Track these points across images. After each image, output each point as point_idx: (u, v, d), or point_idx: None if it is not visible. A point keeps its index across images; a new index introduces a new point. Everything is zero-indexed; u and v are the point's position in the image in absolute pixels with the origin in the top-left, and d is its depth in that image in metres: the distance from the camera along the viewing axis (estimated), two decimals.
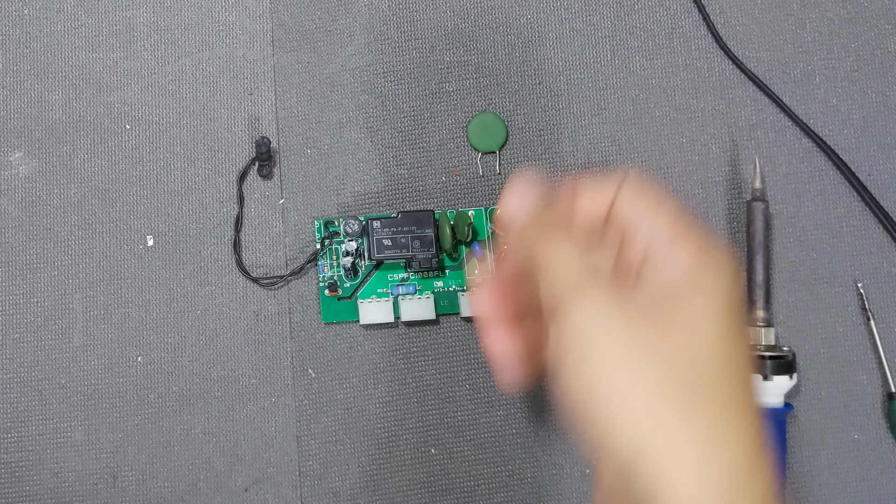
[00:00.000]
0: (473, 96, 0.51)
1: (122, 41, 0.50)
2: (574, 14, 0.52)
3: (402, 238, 0.47)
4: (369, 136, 0.50)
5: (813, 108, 0.51)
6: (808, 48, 0.52)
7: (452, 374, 0.49)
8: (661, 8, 0.52)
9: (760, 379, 0.46)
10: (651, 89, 0.51)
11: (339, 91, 0.50)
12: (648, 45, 0.52)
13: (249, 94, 0.50)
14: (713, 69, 0.51)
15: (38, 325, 0.48)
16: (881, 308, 0.50)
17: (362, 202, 0.50)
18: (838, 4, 0.52)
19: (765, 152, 0.51)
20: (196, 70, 0.50)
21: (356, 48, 0.51)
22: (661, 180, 0.51)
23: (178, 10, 0.50)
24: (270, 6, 0.51)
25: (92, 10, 0.50)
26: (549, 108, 0.51)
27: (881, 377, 0.50)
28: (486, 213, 0.49)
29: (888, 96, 0.52)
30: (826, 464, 0.49)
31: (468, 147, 0.50)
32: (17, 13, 0.50)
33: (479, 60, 0.51)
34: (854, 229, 0.51)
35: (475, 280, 0.35)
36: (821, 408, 0.50)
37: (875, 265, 0.50)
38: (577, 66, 0.51)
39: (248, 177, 0.50)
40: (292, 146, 0.50)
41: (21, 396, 0.48)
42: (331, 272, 0.48)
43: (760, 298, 0.48)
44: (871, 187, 0.51)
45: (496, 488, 0.48)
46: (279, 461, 0.48)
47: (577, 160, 0.51)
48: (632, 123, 0.51)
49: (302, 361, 0.48)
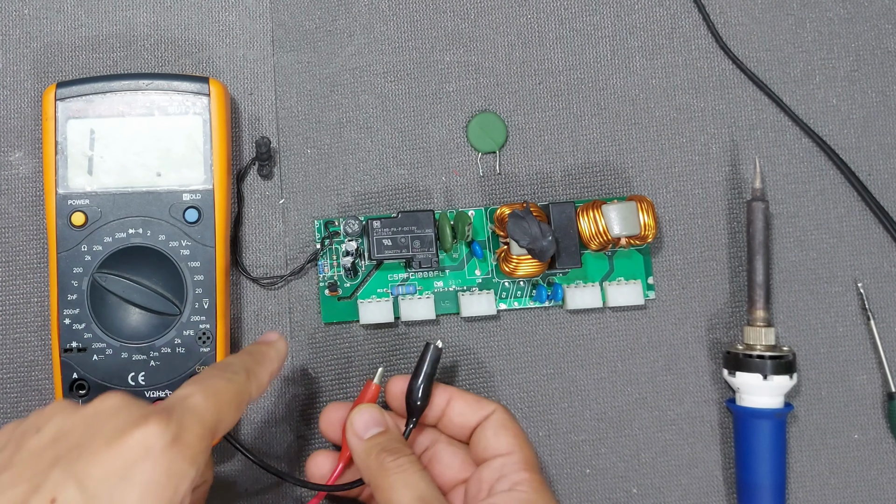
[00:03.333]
0: (473, 96, 0.51)
1: (122, 41, 0.50)
2: (574, 14, 0.52)
3: (402, 238, 0.47)
4: (369, 136, 0.50)
5: (813, 108, 0.51)
6: (808, 48, 0.52)
7: (452, 374, 0.49)
8: (661, 8, 0.52)
9: (760, 378, 0.46)
10: (651, 89, 0.51)
11: (339, 91, 0.50)
12: (648, 45, 0.52)
13: (249, 94, 0.50)
14: (713, 69, 0.51)
15: (38, 325, 0.48)
16: (881, 308, 0.50)
17: (362, 202, 0.50)
18: (838, 4, 0.52)
19: (765, 152, 0.51)
20: (196, 70, 0.50)
21: (356, 48, 0.51)
22: (661, 180, 0.51)
23: (178, 10, 0.50)
24: (270, 6, 0.51)
25: (92, 10, 0.50)
26: (549, 108, 0.51)
27: (881, 377, 0.50)
28: (486, 213, 0.49)
29: (888, 96, 0.52)
30: (826, 464, 0.49)
31: (468, 147, 0.50)
32: (17, 13, 0.50)
33: (479, 60, 0.51)
34: (854, 229, 0.51)
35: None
36: (821, 408, 0.50)
37: (875, 265, 0.50)
38: (577, 66, 0.51)
39: (248, 177, 0.50)
40: (292, 146, 0.50)
41: (21, 396, 0.48)
42: (331, 272, 0.48)
43: (761, 298, 0.48)
44: (871, 187, 0.51)
45: None
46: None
47: (577, 160, 0.51)
48: (632, 123, 0.51)
49: (302, 361, 0.48)
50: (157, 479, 0.31)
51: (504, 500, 0.39)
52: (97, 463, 0.31)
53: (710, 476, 0.49)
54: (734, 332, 0.50)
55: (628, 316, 0.50)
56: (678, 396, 0.49)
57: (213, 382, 0.36)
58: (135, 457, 0.31)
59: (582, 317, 0.50)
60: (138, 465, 0.31)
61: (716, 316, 0.50)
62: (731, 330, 0.50)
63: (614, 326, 0.50)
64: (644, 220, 0.47)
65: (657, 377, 0.49)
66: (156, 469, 0.31)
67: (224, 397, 0.36)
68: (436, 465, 0.44)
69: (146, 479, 0.31)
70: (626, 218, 0.47)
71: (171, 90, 0.46)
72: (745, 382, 0.47)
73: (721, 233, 0.50)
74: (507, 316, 0.49)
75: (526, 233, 0.45)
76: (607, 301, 0.49)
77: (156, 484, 0.31)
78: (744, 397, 0.47)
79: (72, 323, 0.44)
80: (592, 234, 0.47)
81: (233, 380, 0.37)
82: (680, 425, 0.49)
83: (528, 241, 0.45)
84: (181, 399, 0.34)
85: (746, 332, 0.48)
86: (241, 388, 0.37)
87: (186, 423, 0.33)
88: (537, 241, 0.45)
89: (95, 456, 0.31)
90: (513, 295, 0.49)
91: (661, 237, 0.50)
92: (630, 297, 0.49)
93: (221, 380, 0.36)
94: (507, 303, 0.49)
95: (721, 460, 0.49)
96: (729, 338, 0.50)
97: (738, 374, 0.47)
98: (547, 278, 0.49)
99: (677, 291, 0.50)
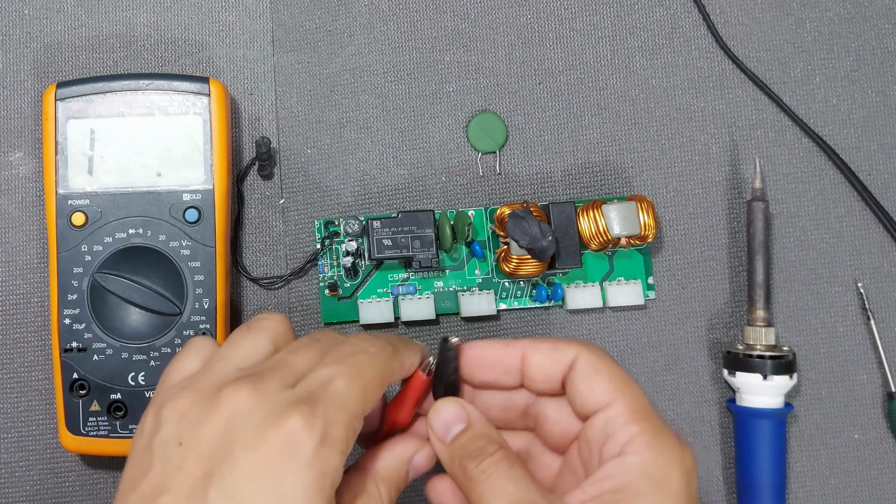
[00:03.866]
0: (473, 96, 0.51)
1: (122, 41, 0.50)
2: (574, 14, 0.52)
3: (402, 238, 0.47)
4: (369, 136, 0.50)
5: (813, 108, 0.51)
6: (808, 48, 0.52)
7: None
8: (661, 8, 0.52)
9: (760, 378, 0.46)
10: (651, 89, 0.51)
11: (339, 91, 0.50)
12: (648, 45, 0.52)
13: (249, 94, 0.50)
14: (713, 69, 0.51)
15: (38, 325, 0.48)
16: (881, 308, 0.50)
17: (362, 202, 0.50)
18: (838, 4, 0.52)
19: (765, 152, 0.51)
20: (196, 70, 0.50)
21: (356, 48, 0.51)
22: (661, 180, 0.51)
23: (178, 10, 0.50)
24: (270, 6, 0.51)
25: (92, 10, 0.50)
26: (549, 108, 0.51)
27: (881, 377, 0.50)
28: (486, 213, 0.49)
29: (888, 96, 0.52)
30: (826, 464, 0.49)
31: (468, 147, 0.50)
32: (17, 13, 0.50)
33: (479, 60, 0.51)
34: (854, 229, 0.51)
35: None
36: (821, 408, 0.50)
37: (875, 265, 0.50)
38: (577, 66, 0.51)
39: (248, 177, 0.50)
40: (292, 146, 0.50)
41: (21, 396, 0.48)
42: (331, 272, 0.48)
43: (760, 298, 0.48)
44: (871, 187, 0.51)
45: None
46: None
47: (577, 160, 0.51)
48: (632, 123, 0.51)
49: None
50: (311, 483, 0.29)
51: (617, 473, 0.32)
52: (247, 479, 0.29)
53: (710, 476, 0.49)
54: (734, 332, 0.50)
55: (628, 316, 0.50)
56: (678, 396, 0.49)
57: (357, 360, 0.32)
58: (283, 463, 0.29)
59: (582, 317, 0.50)
60: (289, 472, 0.29)
61: (716, 316, 0.50)
62: (731, 330, 0.50)
63: (614, 326, 0.50)
64: (644, 220, 0.47)
65: (657, 377, 0.49)
66: (309, 473, 0.29)
67: (369, 377, 0.32)
68: (543, 426, 0.37)
69: (301, 485, 0.29)
70: (626, 218, 0.47)
71: (171, 90, 0.46)
72: (745, 382, 0.47)
73: (721, 233, 0.50)
74: (507, 316, 0.49)
75: (526, 233, 0.45)
76: (607, 301, 0.49)
77: (312, 487, 0.29)
78: (744, 397, 0.47)
79: (72, 323, 0.44)
80: (592, 234, 0.47)
81: (378, 355, 0.33)
82: (680, 425, 0.49)
83: (528, 241, 0.45)
84: (323, 385, 0.31)
85: (746, 332, 0.48)
86: (386, 364, 0.33)
87: (332, 416, 0.30)
88: (537, 241, 0.45)
89: (243, 470, 0.29)
90: (513, 295, 0.49)
91: (661, 237, 0.50)
92: (630, 297, 0.49)
93: (365, 355, 0.33)
94: (507, 303, 0.49)
95: (721, 460, 0.49)
96: (729, 338, 0.50)
97: (738, 374, 0.47)
98: (547, 278, 0.49)
99: (677, 291, 0.50)
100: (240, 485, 0.29)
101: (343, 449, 0.30)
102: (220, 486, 0.29)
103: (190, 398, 0.32)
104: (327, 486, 0.30)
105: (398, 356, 0.34)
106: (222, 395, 0.31)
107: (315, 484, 0.29)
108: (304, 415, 0.30)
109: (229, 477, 0.29)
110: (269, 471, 0.29)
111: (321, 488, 0.30)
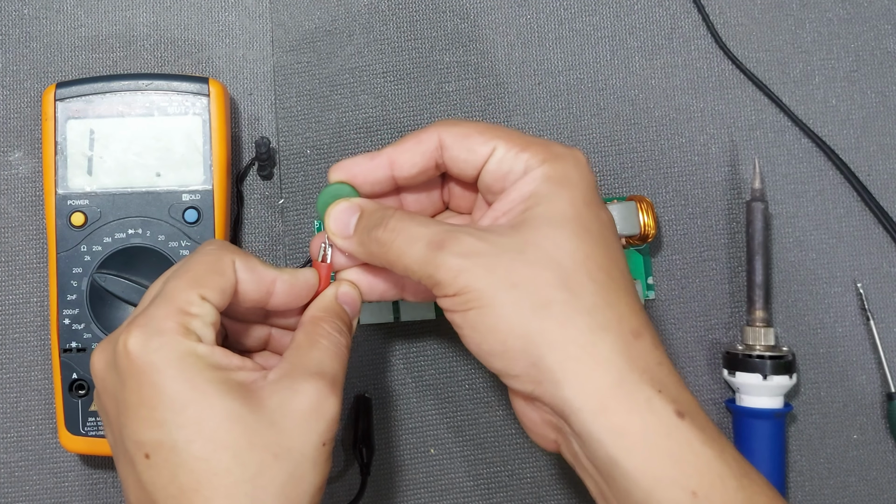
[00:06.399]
0: (473, 96, 0.51)
1: (122, 41, 0.50)
2: (574, 14, 0.52)
3: None
4: (369, 136, 0.50)
5: (813, 108, 0.51)
6: (808, 48, 0.52)
7: (452, 374, 0.49)
8: (660, 8, 0.52)
9: (760, 378, 0.46)
10: (651, 89, 0.51)
11: (339, 91, 0.50)
12: (648, 45, 0.52)
13: (249, 95, 0.50)
14: (713, 69, 0.51)
15: (38, 325, 0.48)
16: (881, 308, 0.50)
17: None
18: (838, 4, 0.52)
19: (764, 152, 0.51)
20: (195, 70, 0.50)
21: (356, 48, 0.51)
22: (661, 180, 0.51)
23: (178, 10, 0.50)
24: (270, 6, 0.51)
25: (92, 10, 0.50)
26: (549, 108, 0.51)
27: (881, 377, 0.50)
28: None
29: (888, 96, 0.52)
30: (825, 464, 0.49)
31: None
32: (17, 13, 0.50)
33: (479, 60, 0.51)
34: (854, 229, 0.51)
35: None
36: (821, 408, 0.50)
37: (875, 265, 0.50)
38: (577, 66, 0.51)
39: (248, 177, 0.50)
40: (292, 146, 0.50)
41: (20, 396, 0.48)
42: None
43: (760, 298, 0.48)
44: (871, 187, 0.51)
45: (496, 488, 0.48)
46: None
47: None
48: (632, 123, 0.51)
49: None
50: (176, 372, 0.33)
51: (521, 187, 0.35)
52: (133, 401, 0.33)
53: None
54: (734, 332, 0.50)
55: None
56: None
57: (185, 264, 0.36)
58: (148, 375, 0.33)
59: None
60: (153, 377, 0.33)
61: (715, 316, 0.50)
62: (730, 330, 0.50)
63: None
64: (644, 220, 0.47)
65: None
66: (170, 366, 0.33)
67: (194, 272, 0.35)
68: (452, 202, 0.40)
69: (170, 376, 0.33)
70: (626, 218, 0.47)
71: (171, 90, 0.46)
72: (745, 382, 0.47)
73: (720, 233, 0.50)
74: None
75: None
76: None
77: (178, 377, 0.33)
78: (743, 397, 0.47)
79: (71, 323, 0.44)
80: None
81: (206, 254, 0.36)
82: None
83: None
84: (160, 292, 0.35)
85: (746, 333, 0.48)
86: (215, 258, 0.36)
87: (154, 311, 0.34)
88: None
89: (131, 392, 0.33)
90: None
91: (661, 237, 0.50)
92: None
93: (196, 256, 0.36)
94: None
95: None
96: (729, 338, 0.50)
97: (737, 374, 0.47)
98: None
99: (677, 291, 0.50)
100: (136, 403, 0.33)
101: (169, 326, 0.33)
102: (126, 415, 0.33)
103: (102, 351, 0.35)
104: (190, 362, 0.33)
105: (227, 251, 0.36)
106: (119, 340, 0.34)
107: (177, 365, 0.32)
108: (135, 328, 0.33)
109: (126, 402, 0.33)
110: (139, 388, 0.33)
111: (183, 367, 0.33)
